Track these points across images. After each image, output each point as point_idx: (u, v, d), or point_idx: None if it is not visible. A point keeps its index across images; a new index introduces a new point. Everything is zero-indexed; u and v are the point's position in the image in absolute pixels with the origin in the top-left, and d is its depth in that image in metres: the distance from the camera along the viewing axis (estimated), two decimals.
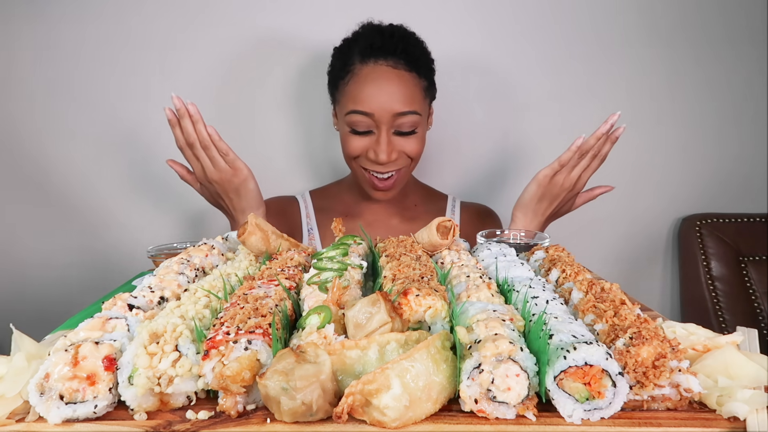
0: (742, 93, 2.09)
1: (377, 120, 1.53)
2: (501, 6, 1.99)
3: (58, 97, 1.93)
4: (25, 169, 1.97)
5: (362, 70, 1.55)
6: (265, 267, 1.00)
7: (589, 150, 1.42)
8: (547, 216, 1.52)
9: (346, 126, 1.58)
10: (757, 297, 2.01)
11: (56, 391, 0.65)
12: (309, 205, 1.85)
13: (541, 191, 1.47)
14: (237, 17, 1.94)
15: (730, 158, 2.15)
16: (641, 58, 2.04)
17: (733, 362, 0.70)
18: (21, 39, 1.89)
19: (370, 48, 1.56)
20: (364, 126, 1.55)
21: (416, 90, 1.57)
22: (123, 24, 1.91)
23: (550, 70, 2.04)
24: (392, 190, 1.68)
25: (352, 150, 1.60)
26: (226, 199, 1.46)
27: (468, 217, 1.87)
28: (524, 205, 1.51)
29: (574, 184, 1.46)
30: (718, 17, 2.03)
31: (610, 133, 1.41)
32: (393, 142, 1.57)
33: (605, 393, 0.64)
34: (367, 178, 1.64)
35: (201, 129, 1.36)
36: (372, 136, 1.57)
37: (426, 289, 0.81)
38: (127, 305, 0.82)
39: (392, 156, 1.58)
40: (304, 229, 1.81)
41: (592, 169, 1.46)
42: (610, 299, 0.81)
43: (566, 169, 1.44)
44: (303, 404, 0.62)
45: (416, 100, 1.57)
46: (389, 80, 1.53)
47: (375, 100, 1.52)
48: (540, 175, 1.46)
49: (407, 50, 1.57)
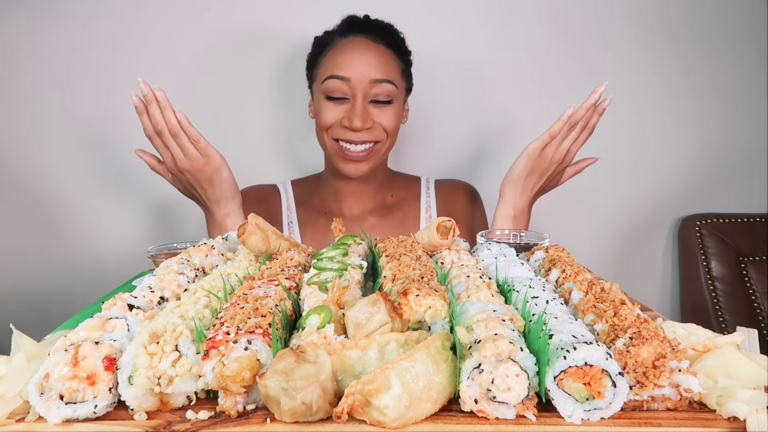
0: (742, 93, 2.09)
1: (353, 86, 1.55)
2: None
3: (48, 101, 1.94)
4: (21, 170, 1.97)
5: (341, 41, 1.61)
6: (265, 267, 1.00)
7: (579, 121, 1.40)
8: (536, 191, 1.50)
9: (322, 95, 1.59)
10: (757, 297, 2.01)
11: (56, 391, 0.65)
12: (290, 196, 1.83)
13: (530, 165, 1.45)
14: (219, 8, 1.94)
15: (730, 158, 2.15)
16: (640, 58, 2.04)
17: (733, 362, 0.70)
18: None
19: (351, 25, 1.63)
20: (340, 93, 1.56)
21: (393, 64, 1.62)
22: (98, 19, 1.91)
23: (549, 68, 2.04)
24: (367, 162, 1.64)
25: (326, 118, 1.59)
26: (199, 189, 1.42)
27: (444, 195, 1.87)
28: (513, 181, 1.49)
29: (564, 157, 1.44)
30: (719, 16, 2.03)
31: (597, 105, 1.40)
32: (368, 110, 1.58)
33: (605, 393, 0.64)
34: (338, 150, 1.62)
35: (170, 115, 1.30)
36: (347, 105, 1.58)
37: (426, 289, 0.81)
38: (127, 305, 0.82)
39: (367, 123, 1.57)
40: (284, 221, 1.79)
41: (581, 142, 1.45)
42: (610, 299, 0.81)
43: (556, 142, 1.42)
44: (303, 404, 0.62)
45: (392, 72, 1.61)
46: (368, 49, 1.58)
47: (352, 66, 1.55)
48: (530, 149, 1.44)
49: (387, 31, 1.64)
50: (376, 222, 1.80)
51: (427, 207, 1.83)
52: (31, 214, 2.00)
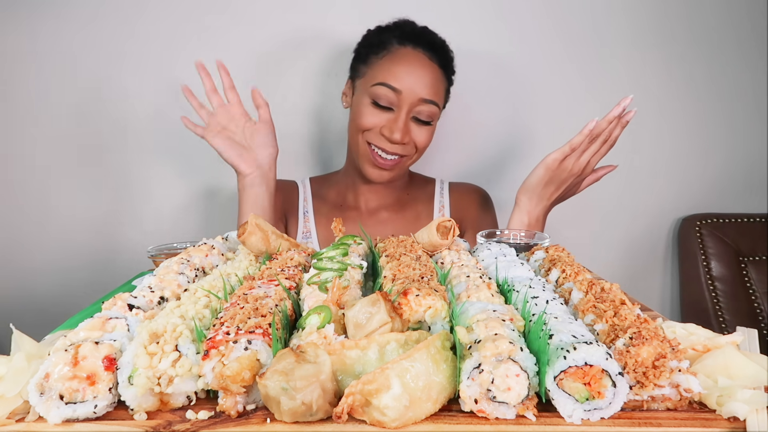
0: (742, 93, 2.09)
1: (402, 99, 1.56)
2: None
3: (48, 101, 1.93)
4: (21, 170, 1.97)
5: (399, 50, 1.59)
6: (265, 267, 1.00)
7: (600, 134, 1.38)
8: (552, 201, 1.49)
9: (368, 97, 1.59)
10: (757, 297, 2.01)
11: (56, 391, 0.65)
12: (308, 190, 1.87)
13: (549, 176, 1.43)
14: (257, 14, 1.95)
15: (731, 158, 2.15)
16: (642, 58, 2.04)
17: (733, 362, 0.70)
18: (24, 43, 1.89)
19: (410, 34, 1.62)
20: (386, 101, 1.57)
21: (441, 85, 1.63)
22: (130, 24, 1.91)
23: (550, 67, 2.04)
24: (391, 171, 1.67)
25: (366, 122, 1.60)
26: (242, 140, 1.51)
27: (457, 197, 1.87)
28: (530, 190, 1.47)
29: (583, 169, 1.42)
30: (721, 18, 2.03)
31: (621, 117, 1.38)
32: (409, 125, 1.59)
33: (605, 393, 0.64)
34: (369, 153, 1.63)
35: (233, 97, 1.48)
36: (390, 114, 1.58)
37: (426, 289, 0.81)
38: (127, 305, 0.82)
39: (405, 138, 1.58)
40: (300, 211, 1.82)
41: (602, 154, 1.43)
42: (610, 299, 0.81)
43: (576, 154, 1.40)
44: (303, 404, 0.62)
45: (440, 93, 1.62)
46: (423, 66, 1.58)
47: (406, 79, 1.55)
48: (549, 160, 1.41)
49: (442, 50, 1.64)
50: (389, 216, 1.81)
51: (440, 207, 1.85)
52: (31, 213, 2.00)
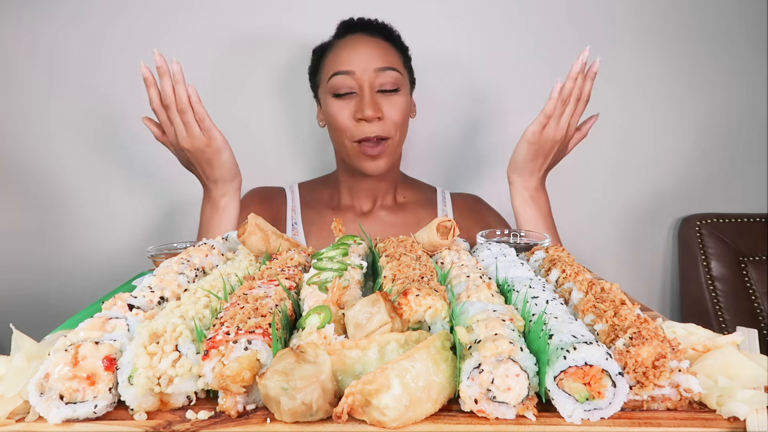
0: (741, 92, 2.09)
1: (358, 78, 1.56)
2: (482, 2, 1.99)
3: (48, 101, 1.94)
4: (21, 170, 1.97)
5: (340, 42, 1.63)
6: (265, 267, 1.00)
7: (570, 94, 1.37)
8: (544, 170, 1.49)
9: (329, 95, 1.60)
10: (757, 297, 2.01)
11: (56, 391, 0.65)
12: (296, 197, 1.82)
13: (533, 149, 1.42)
14: (227, 12, 1.95)
15: (731, 158, 2.15)
16: (640, 57, 2.04)
17: (733, 362, 0.70)
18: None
19: (348, 25, 1.65)
20: (347, 87, 1.57)
21: (394, 54, 1.64)
22: (105, 23, 1.91)
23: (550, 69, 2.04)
24: (382, 159, 1.64)
25: (338, 118, 1.59)
26: (198, 168, 1.42)
27: (460, 208, 1.87)
28: (519, 167, 1.47)
29: (566, 132, 1.41)
30: (718, 16, 2.03)
31: (587, 71, 1.36)
32: (377, 100, 1.58)
33: (605, 393, 0.64)
34: (359, 150, 1.62)
35: (181, 90, 1.28)
36: (356, 98, 1.58)
37: (426, 289, 0.81)
38: (127, 305, 0.82)
39: (378, 112, 1.56)
40: (288, 222, 1.78)
41: (579, 113, 1.41)
42: (610, 299, 0.81)
43: (553, 120, 1.38)
44: (303, 404, 0.62)
45: (395, 61, 1.63)
46: (367, 43, 1.60)
47: (354, 59, 1.57)
48: (528, 133, 1.41)
49: (383, 28, 1.66)
50: (386, 216, 1.80)
51: (444, 215, 1.84)
52: (31, 213, 2.00)
